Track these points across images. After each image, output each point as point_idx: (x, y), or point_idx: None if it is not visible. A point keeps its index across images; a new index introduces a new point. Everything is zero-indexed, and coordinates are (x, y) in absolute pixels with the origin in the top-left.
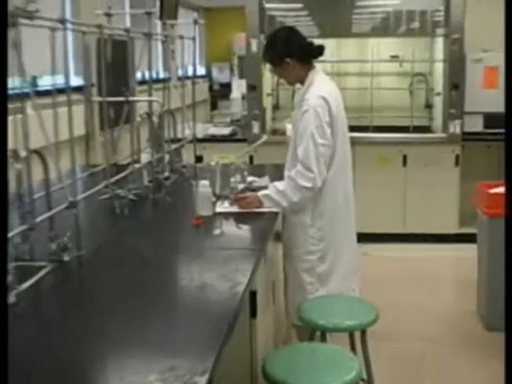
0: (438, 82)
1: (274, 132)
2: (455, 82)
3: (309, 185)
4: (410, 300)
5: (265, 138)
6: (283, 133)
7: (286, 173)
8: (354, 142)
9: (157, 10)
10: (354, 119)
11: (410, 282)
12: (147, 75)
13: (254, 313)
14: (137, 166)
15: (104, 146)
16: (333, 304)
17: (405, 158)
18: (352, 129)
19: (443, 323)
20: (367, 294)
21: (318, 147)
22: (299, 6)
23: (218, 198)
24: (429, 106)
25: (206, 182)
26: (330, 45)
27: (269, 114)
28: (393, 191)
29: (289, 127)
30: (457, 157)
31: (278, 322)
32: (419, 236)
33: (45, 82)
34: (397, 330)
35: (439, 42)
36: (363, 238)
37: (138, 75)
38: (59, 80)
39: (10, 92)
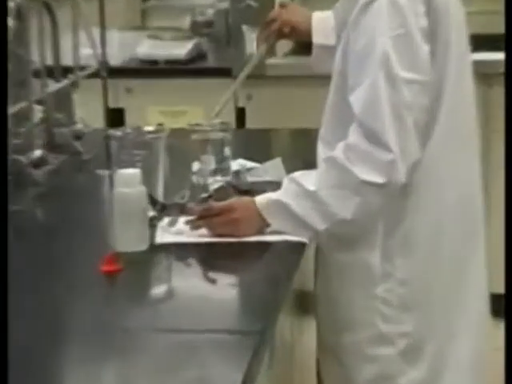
0: None
1: (281, 35)
2: None
3: (379, 179)
4: None
5: (263, 49)
6: (305, 36)
7: (322, 149)
8: (489, 75)
9: None
10: (488, 20)
11: None
12: None
13: None
14: None
15: None
16: None
17: None
18: (483, 43)
19: None
20: None
21: (399, 88)
22: None
23: (162, 210)
24: None
25: (133, 174)
26: None
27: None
28: None
29: (317, 19)
30: None
31: None
32: None
33: None
34: None
35: None
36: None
37: None
38: None
39: None
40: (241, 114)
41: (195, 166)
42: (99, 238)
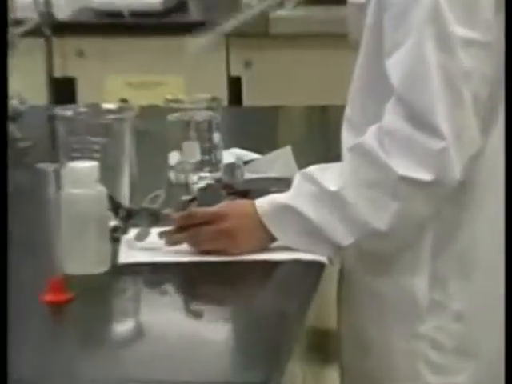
0: None
1: None
2: None
3: (425, 175)
4: None
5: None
6: None
7: (348, 135)
8: None
9: None
10: None
11: None
12: None
13: None
14: None
15: None
16: None
17: None
18: None
19: None
20: None
21: (453, 51)
22: None
23: (128, 218)
24: None
25: (87, 169)
26: None
27: None
28: None
29: None
30: None
31: None
32: None
33: None
34: None
35: None
36: None
37: None
38: None
39: None
40: (236, 85)
41: (173, 157)
42: (42, 256)
